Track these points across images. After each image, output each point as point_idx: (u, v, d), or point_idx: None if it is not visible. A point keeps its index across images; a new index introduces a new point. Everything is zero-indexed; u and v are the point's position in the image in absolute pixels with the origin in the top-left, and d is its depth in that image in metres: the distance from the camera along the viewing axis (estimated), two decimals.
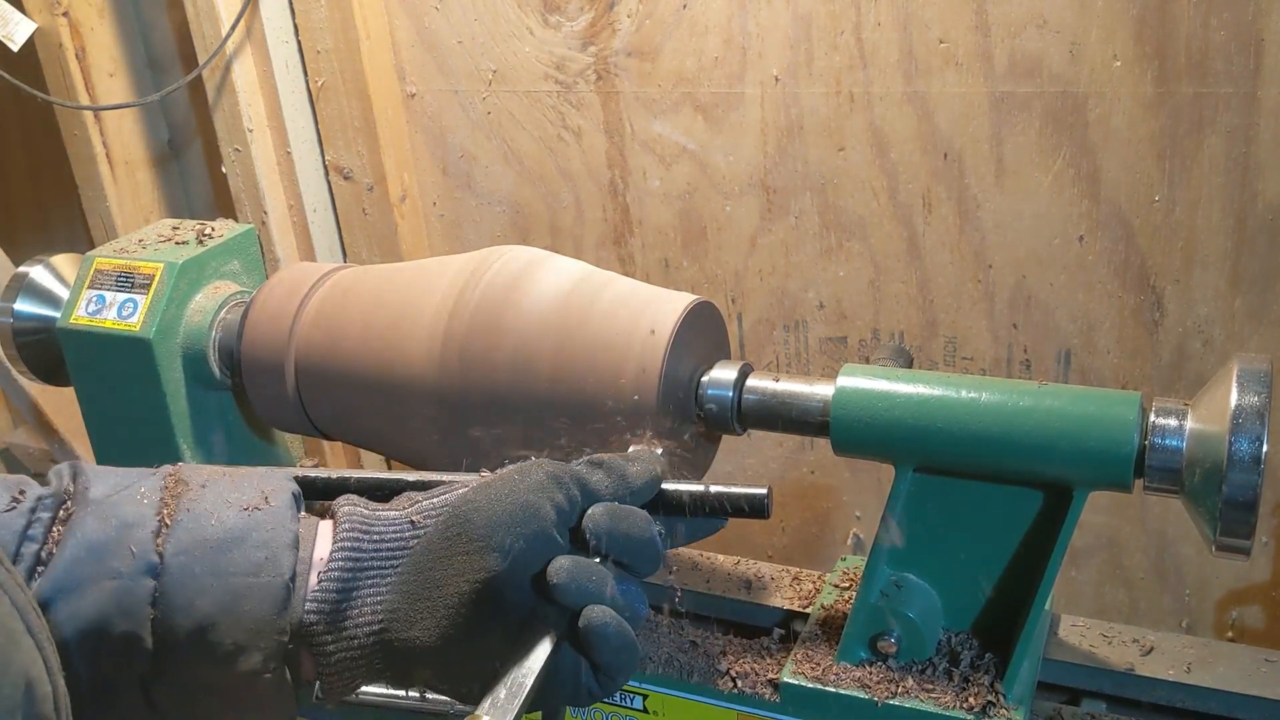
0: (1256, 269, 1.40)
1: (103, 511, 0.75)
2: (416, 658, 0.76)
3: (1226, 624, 1.60)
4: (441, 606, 0.76)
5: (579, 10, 1.62)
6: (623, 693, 1.10)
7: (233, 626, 0.74)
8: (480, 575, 0.76)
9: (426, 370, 1.09)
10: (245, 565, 0.75)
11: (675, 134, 1.63)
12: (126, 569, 0.73)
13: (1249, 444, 0.84)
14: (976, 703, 0.98)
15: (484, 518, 0.77)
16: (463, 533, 0.77)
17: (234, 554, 0.76)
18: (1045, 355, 1.55)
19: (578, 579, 0.75)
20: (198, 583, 0.74)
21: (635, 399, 1.02)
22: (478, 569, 0.76)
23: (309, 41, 1.74)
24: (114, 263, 1.25)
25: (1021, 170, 1.46)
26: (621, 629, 0.75)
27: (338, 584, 0.76)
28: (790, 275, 1.65)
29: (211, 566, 0.75)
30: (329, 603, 0.76)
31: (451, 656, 0.76)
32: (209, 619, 0.74)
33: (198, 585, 0.74)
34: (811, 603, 1.15)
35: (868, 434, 0.98)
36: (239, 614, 0.74)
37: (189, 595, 0.74)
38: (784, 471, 1.78)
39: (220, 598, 0.74)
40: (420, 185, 1.85)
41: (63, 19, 1.80)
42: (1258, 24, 1.29)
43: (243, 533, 0.77)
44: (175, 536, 0.75)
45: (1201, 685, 1.04)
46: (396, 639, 0.75)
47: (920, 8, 1.43)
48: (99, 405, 1.26)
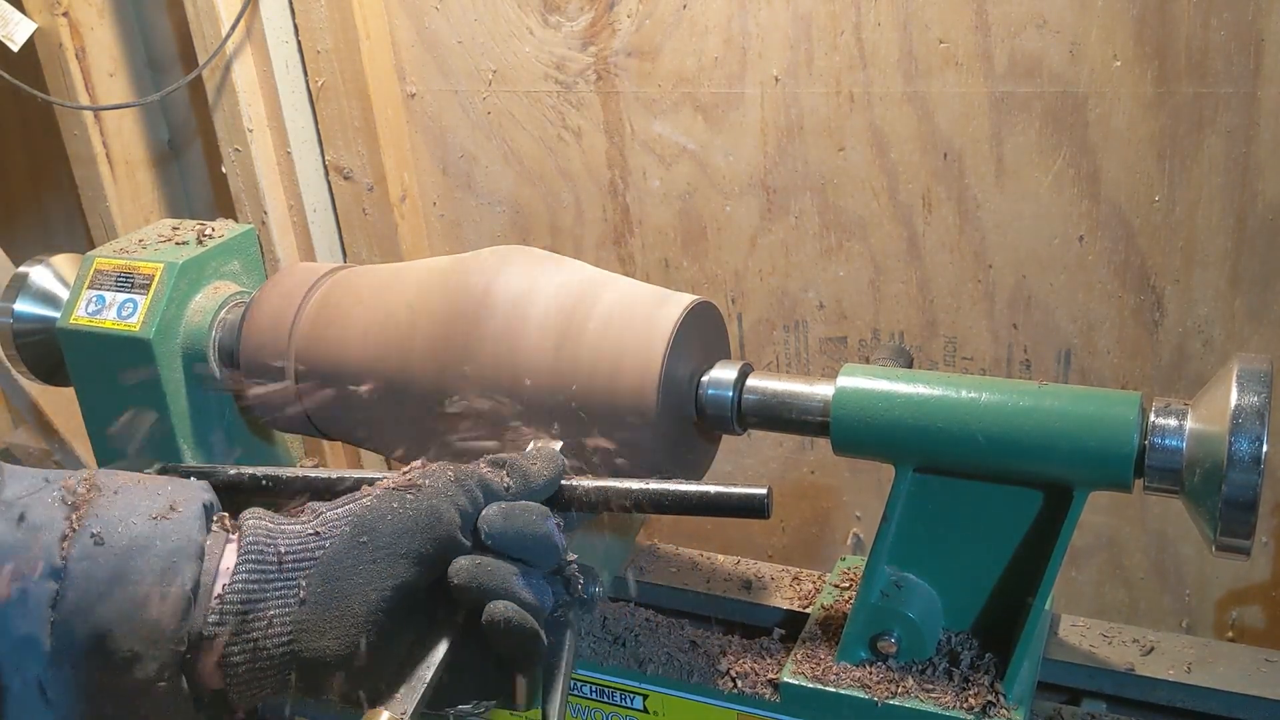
0: (1256, 269, 1.40)
1: (13, 512, 0.76)
2: (328, 667, 0.76)
3: (1226, 624, 1.60)
4: (351, 616, 0.76)
5: (579, 10, 1.62)
6: (622, 693, 1.10)
7: (130, 634, 0.75)
8: (389, 583, 0.77)
9: (426, 371, 1.09)
10: (147, 573, 0.76)
11: (675, 134, 1.63)
12: (30, 571, 0.74)
13: (1249, 444, 0.84)
14: (976, 703, 0.98)
15: (389, 525, 0.78)
16: (369, 541, 0.78)
17: (137, 561, 0.76)
18: (1045, 355, 1.55)
19: (477, 578, 0.77)
20: (99, 588, 0.75)
21: (635, 399, 1.02)
22: (386, 576, 0.77)
23: (309, 41, 1.74)
24: (114, 263, 1.25)
25: (1021, 170, 1.46)
26: (522, 620, 0.76)
27: (242, 595, 0.77)
28: (790, 275, 1.65)
29: (114, 573, 0.76)
30: (232, 613, 0.77)
31: (363, 664, 0.76)
32: (107, 625, 0.75)
33: (98, 591, 0.75)
34: (811, 603, 1.15)
35: (868, 434, 0.98)
36: (137, 622, 0.75)
37: (89, 601, 0.75)
38: (784, 471, 1.78)
39: (120, 605, 0.75)
40: (420, 185, 1.85)
41: (63, 19, 1.80)
42: (1258, 24, 1.29)
43: (147, 541, 0.77)
44: (80, 541, 0.76)
45: (1201, 685, 1.04)
46: (307, 650, 0.76)
47: (920, 8, 1.43)
48: (99, 405, 1.26)
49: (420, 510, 0.79)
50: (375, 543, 0.78)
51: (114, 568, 0.76)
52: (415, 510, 0.79)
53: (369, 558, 0.77)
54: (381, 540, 0.78)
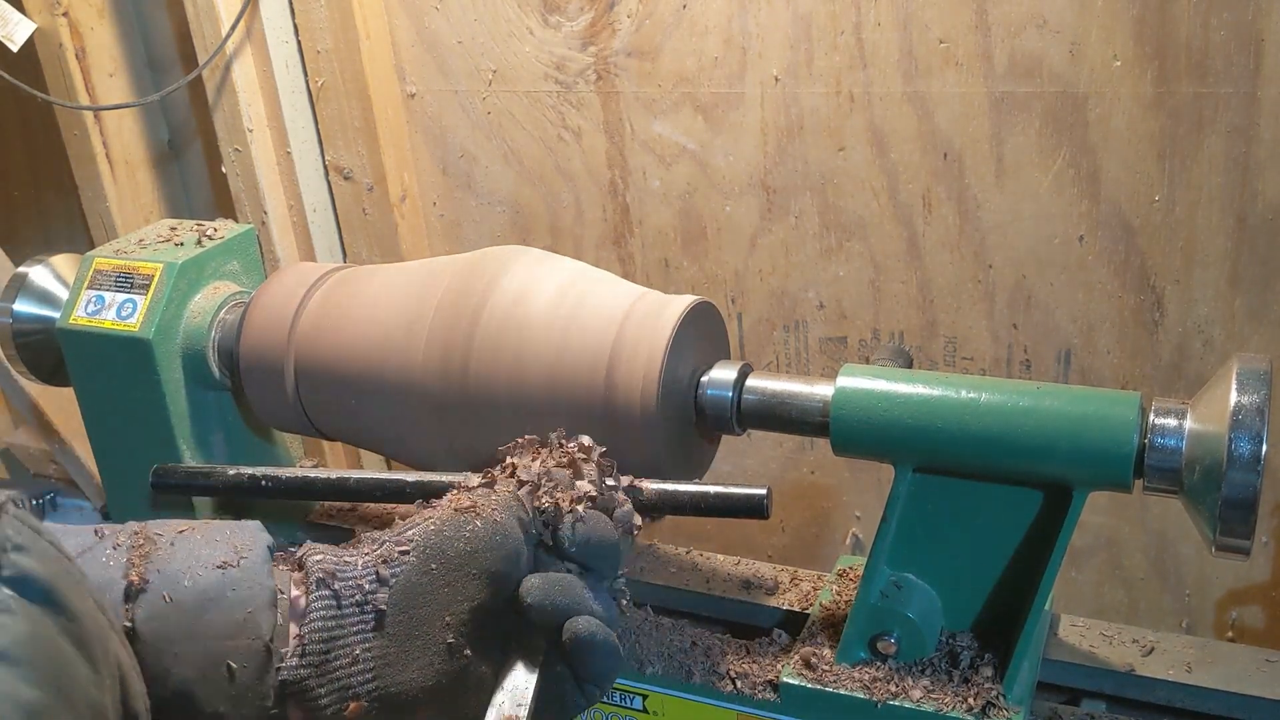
0: (1256, 269, 1.40)
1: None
2: (415, 700, 0.74)
3: (1226, 624, 1.59)
4: (432, 643, 0.74)
5: (579, 10, 1.62)
6: (623, 693, 1.10)
7: (213, 694, 0.71)
8: (465, 605, 0.75)
9: (426, 370, 1.09)
10: (223, 628, 0.72)
11: (675, 134, 1.63)
12: None
13: (1249, 443, 0.84)
14: (976, 703, 0.98)
15: (458, 547, 0.76)
16: (440, 566, 0.76)
17: (209, 616, 0.72)
18: (1045, 355, 1.55)
19: (551, 596, 0.75)
20: (173, 649, 0.71)
21: (635, 399, 1.02)
22: (462, 599, 0.75)
23: (309, 41, 1.74)
24: (113, 263, 1.25)
25: (1021, 170, 1.46)
26: (607, 636, 0.75)
27: (321, 635, 0.74)
28: (790, 275, 1.65)
29: (187, 630, 0.71)
30: (315, 655, 0.73)
31: (450, 692, 0.75)
32: (187, 686, 0.71)
33: (173, 652, 0.71)
34: (811, 603, 1.15)
35: (868, 434, 0.98)
36: (219, 680, 0.71)
37: (165, 664, 0.71)
38: (784, 471, 1.78)
39: (198, 663, 0.71)
40: (420, 185, 1.85)
41: (63, 19, 1.80)
42: (1258, 24, 1.29)
43: (217, 592, 0.73)
44: (146, 600, 0.72)
45: (1201, 685, 1.04)
46: (393, 684, 0.74)
47: (920, 8, 1.43)
48: (99, 405, 1.26)
49: (486, 529, 0.77)
50: (446, 565, 0.75)
51: (186, 626, 0.72)
52: (480, 529, 0.77)
53: (442, 581, 0.75)
54: (452, 563, 0.76)
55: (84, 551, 0.74)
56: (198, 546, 0.76)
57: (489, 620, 0.76)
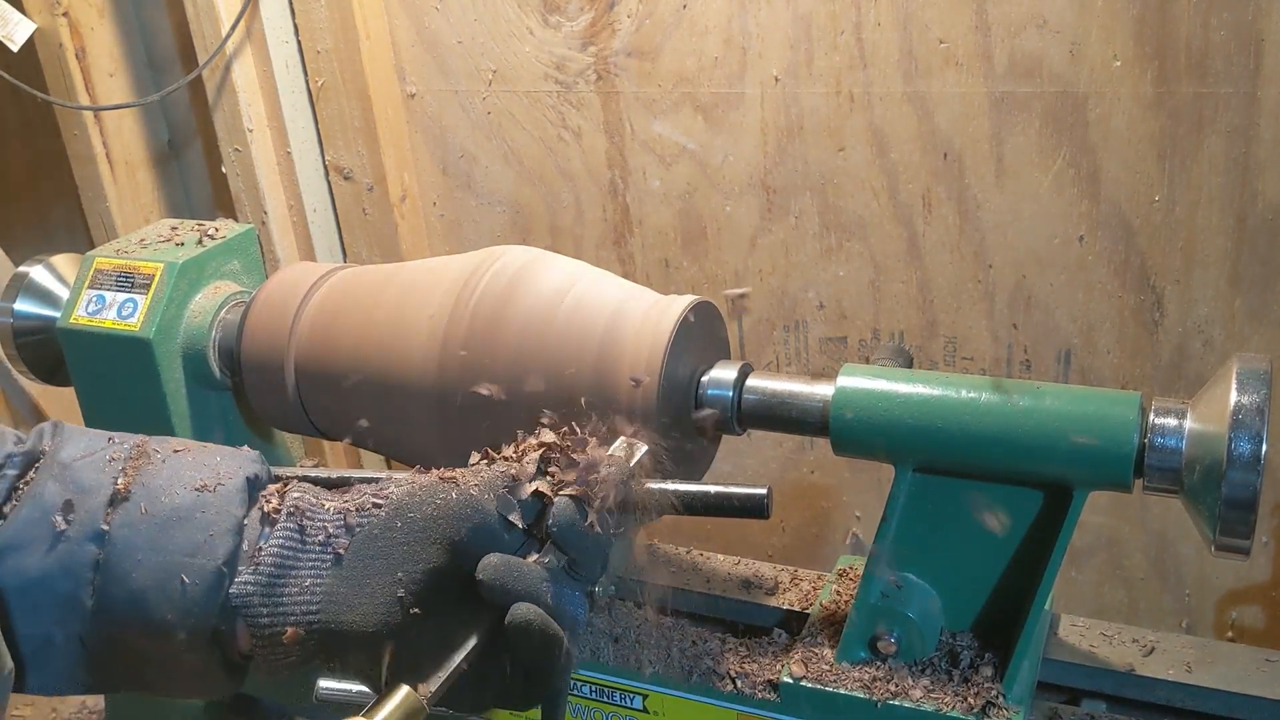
0: (1256, 269, 1.40)
1: (65, 475, 0.79)
2: (351, 642, 0.77)
3: (1226, 624, 1.60)
4: (379, 594, 0.77)
5: (579, 10, 1.62)
6: (622, 693, 1.10)
7: (163, 602, 0.77)
8: (419, 566, 0.77)
9: (426, 370, 1.09)
10: (185, 544, 0.78)
11: (675, 134, 1.63)
12: (75, 533, 0.77)
13: (1248, 443, 0.84)
14: (976, 703, 0.98)
15: (425, 511, 0.78)
16: (404, 524, 0.78)
17: (175, 532, 0.78)
18: (1045, 355, 1.55)
19: (502, 577, 0.75)
20: (137, 556, 0.77)
21: (635, 399, 1.02)
22: (417, 559, 0.77)
23: (309, 41, 1.74)
24: (114, 263, 1.25)
25: (1021, 170, 1.46)
26: (546, 627, 0.75)
27: (276, 559, 0.78)
28: (790, 275, 1.65)
29: (153, 542, 0.77)
30: (266, 574, 0.78)
31: (386, 644, 0.77)
32: (142, 592, 0.77)
33: (136, 559, 0.77)
34: (811, 603, 1.15)
35: (868, 434, 0.98)
36: (170, 591, 0.77)
37: (127, 567, 0.77)
38: (784, 471, 1.78)
39: (155, 573, 0.77)
40: (420, 185, 1.85)
41: (63, 19, 1.80)
42: (1258, 24, 1.29)
43: (187, 513, 0.79)
44: (125, 509, 0.78)
45: (1201, 685, 1.04)
46: (333, 622, 0.77)
47: (920, 8, 1.43)
48: (99, 405, 1.26)
49: (459, 499, 0.78)
50: (410, 525, 0.78)
51: (153, 537, 0.78)
52: (454, 498, 0.79)
53: (402, 539, 0.78)
54: (416, 524, 0.78)
55: (89, 454, 0.81)
56: (185, 467, 0.82)
57: (444, 586, 0.77)
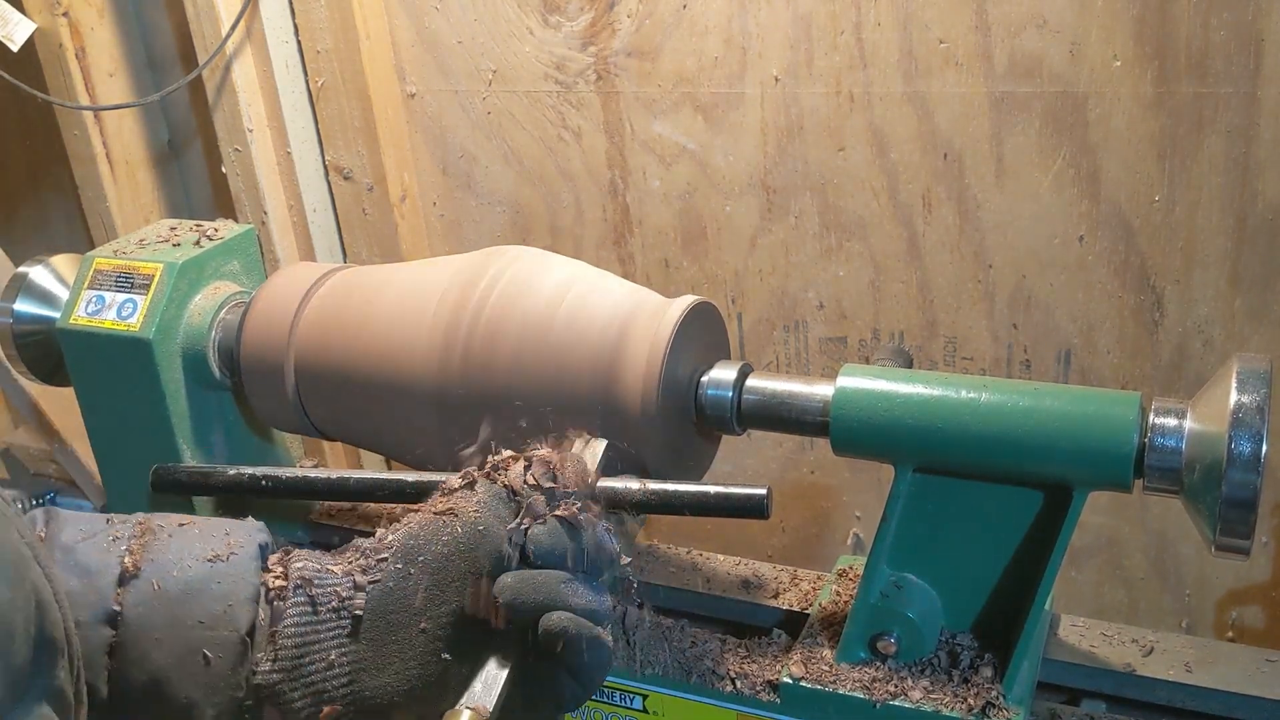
0: (1256, 269, 1.40)
1: (69, 559, 0.76)
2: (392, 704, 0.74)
3: (1226, 624, 1.59)
4: (409, 648, 0.75)
5: (579, 10, 1.62)
6: (622, 693, 1.10)
7: (187, 681, 0.73)
8: (443, 609, 0.75)
9: (426, 371, 1.09)
10: (203, 618, 0.74)
11: (675, 134, 1.63)
12: (85, 617, 0.73)
13: (1249, 443, 0.84)
14: (976, 703, 0.98)
15: (435, 551, 0.76)
16: (417, 570, 0.76)
17: (192, 606, 0.75)
18: (1045, 355, 1.55)
19: (522, 594, 0.74)
20: (154, 634, 0.74)
21: (635, 399, 1.02)
22: (439, 603, 0.75)
23: (309, 41, 1.74)
24: (114, 263, 1.25)
25: (1021, 170, 1.46)
26: (580, 628, 0.74)
27: (295, 638, 0.75)
28: (790, 275, 1.65)
29: (169, 618, 0.74)
30: (288, 657, 0.75)
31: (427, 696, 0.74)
32: (163, 672, 0.73)
33: (154, 637, 0.74)
34: (811, 603, 1.15)
35: (868, 434, 0.98)
36: (193, 668, 0.73)
37: (145, 647, 0.73)
38: (784, 471, 1.78)
39: (176, 650, 0.74)
40: (420, 185, 1.85)
41: (63, 19, 1.80)
42: (1258, 24, 1.29)
43: (203, 584, 0.76)
44: (136, 586, 0.75)
45: (1201, 685, 1.04)
46: (368, 689, 0.74)
47: (920, 8, 1.43)
48: (99, 406, 1.26)
49: (464, 531, 0.76)
50: (424, 569, 0.76)
51: (169, 613, 0.75)
52: (460, 531, 0.76)
53: (420, 585, 0.75)
54: (430, 566, 0.76)
55: (90, 536, 0.78)
56: (193, 540, 0.79)
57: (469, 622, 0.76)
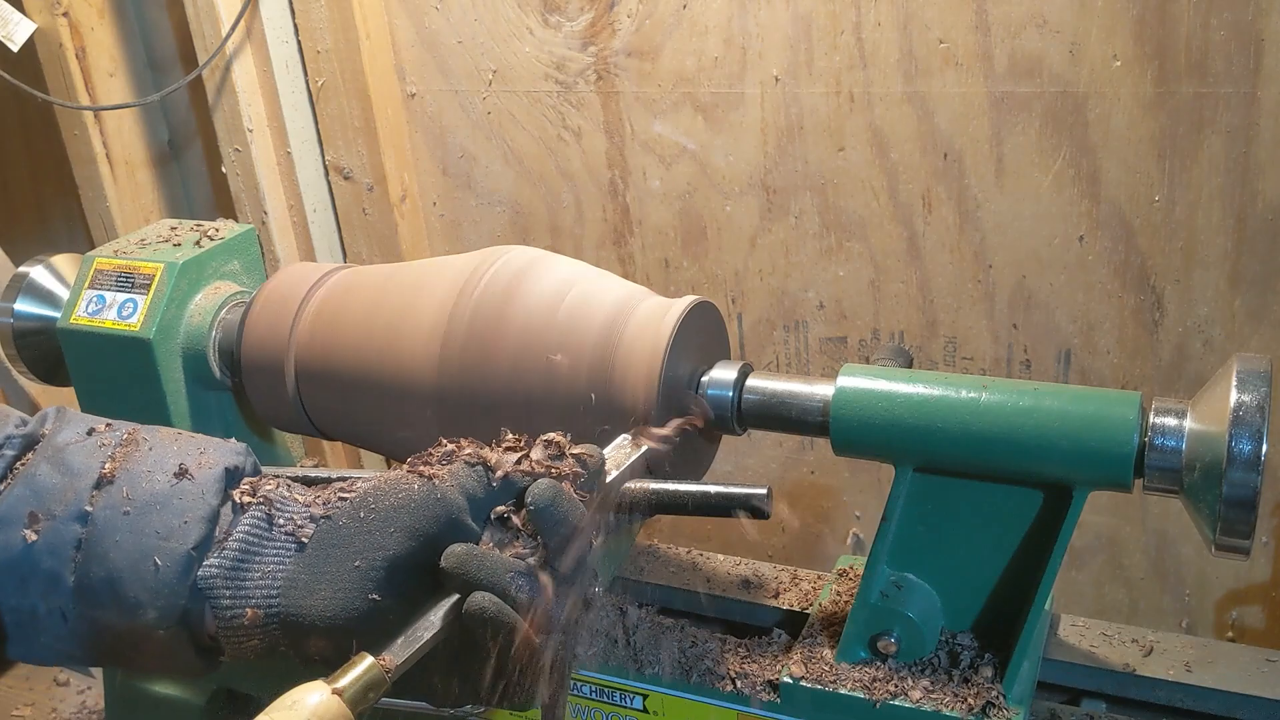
0: (1256, 269, 1.40)
1: (58, 458, 0.85)
2: (311, 627, 0.79)
3: (1226, 624, 1.60)
4: (340, 580, 0.79)
5: (579, 10, 1.62)
6: (622, 693, 1.10)
7: (136, 583, 0.81)
8: (380, 554, 0.79)
9: (426, 370, 1.09)
10: (160, 528, 0.82)
11: (675, 134, 1.63)
12: (61, 513, 0.82)
13: (1249, 443, 0.84)
14: (976, 703, 0.98)
15: (390, 501, 0.80)
16: (366, 514, 0.80)
17: (151, 517, 0.82)
18: (1045, 355, 1.55)
19: (465, 565, 0.77)
20: (115, 537, 0.82)
21: (636, 399, 1.02)
22: (378, 548, 0.79)
23: (309, 41, 1.74)
24: (114, 263, 1.25)
25: (1021, 170, 1.46)
26: (499, 612, 0.76)
27: (240, 545, 0.82)
28: (790, 275, 1.65)
29: (131, 524, 0.82)
30: (230, 559, 0.81)
31: (347, 630, 0.78)
32: (117, 571, 0.81)
33: (115, 539, 0.82)
34: (811, 603, 1.15)
35: (868, 434, 0.98)
36: (143, 572, 0.81)
37: (105, 547, 0.82)
38: (784, 471, 1.78)
39: (131, 555, 0.81)
40: (420, 185, 1.85)
41: (63, 19, 1.80)
42: (1258, 24, 1.29)
43: (165, 499, 0.83)
44: (109, 491, 0.83)
45: (1201, 685, 1.04)
46: (293, 606, 0.79)
47: (920, 8, 1.43)
48: (99, 405, 1.26)
49: (422, 490, 0.80)
50: (373, 515, 0.80)
51: (131, 520, 0.82)
52: (418, 490, 0.80)
53: (365, 528, 0.80)
54: (380, 514, 0.80)
55: (79, 440, 0.86)
56: (169, 455, 0.86)
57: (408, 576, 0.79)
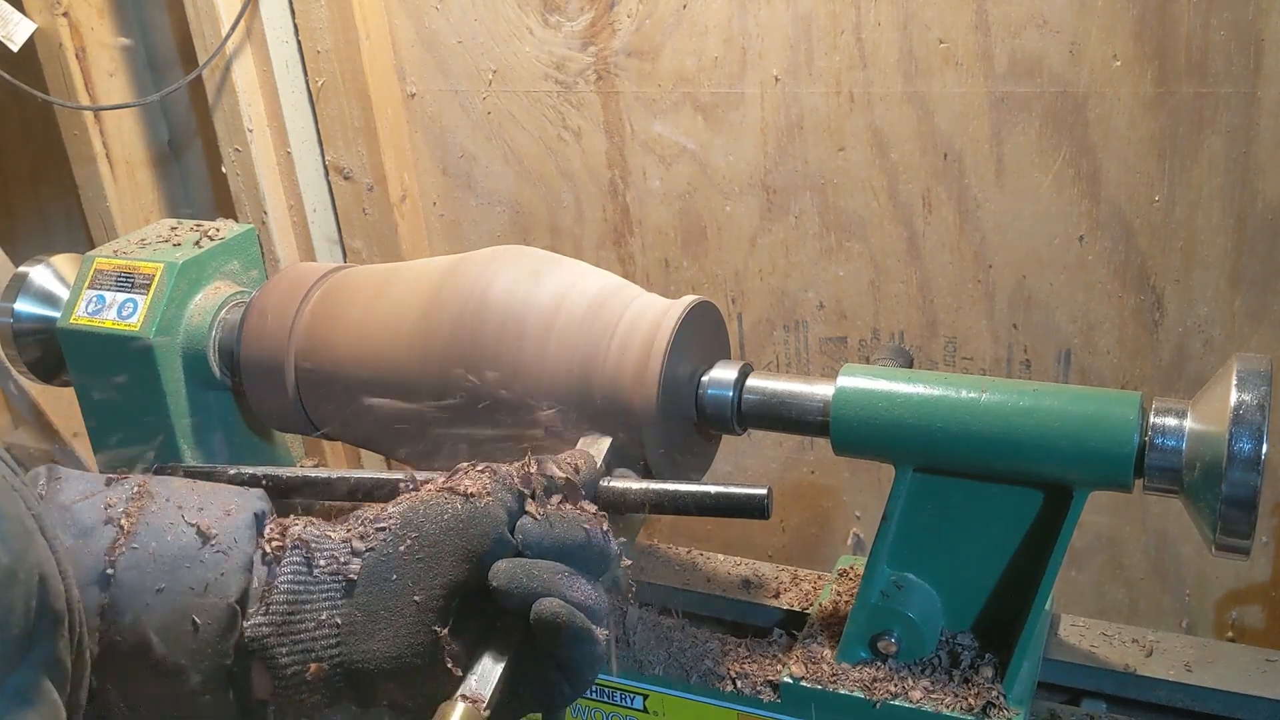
0: (1256, 269, 1.40)
1: (66, 517, 0.76)
2: (378, 672, 0.74)
3: (1226, 624, 1.59)
4: (400, 616, 0.74)
5: (579, 10, 1.62)
6: (623, 693, 1.10)
7: (174, 646, 0.74)
8: (437, 581, 0.75)
9: (426, 370, 1.09)
10: (194, 584, 0.75)
11: (675, 134, 1.63)
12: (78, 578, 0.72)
13: (1249, 442, 0.84)
14: (976, 703, 0.98)
15: (435, 524, 0.76)
16: (416, 539, 0.76)
17: (183, 572, 0.75)
18: (1045, 355, 1.55)
19: (516, 578, 0.73)
20: (144, 599, 0.74)
21: (636, 399, 1.02)
22: (434, 574, 0.75)
23: (309, 41, 1.74)
24: (114, 263, 1.25)
25: (1021, 170, 1.46)
26: (573, 618, 0.73)
27: (287, 597, 0.75)
28: (790, 275, 1.65)
29: (159, 583, 0.74)
30: (279, 613, 0.75)
31: (415, 668, 0.74)
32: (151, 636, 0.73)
33: (144, 601, 0.74)
34: (811, 603, 1.15)
35: (868, 434, 0.98)
36: (181, 633, 0.74)
37: (135, 611, 0.74)
38: (784, 471, 1.78)
39: (165, 615, 0.74)
40: (420, 185, 1.85)
41: (63, 19, 1.80)
42: (1258, 24, 1.29)
43: (195, 550, 0.76)
44: (129, 549, 0.75)
45: (1201, 685, 1.04)
46: (356, 652, 0.74)
47: (920, 8, 1.43)
48: (99, 405, 1.26)
49: (466, 508, 0.76)
50: (422, 540, 0.76)
51: (160, 578, 0.75)
52: (461, 508, 0.76)
53: (416, 555, 0.75)
54: (428, 538, 0.76)
55: (88, 496, 0.78)
56: (190, 505, 0.79)
57: (464, 600, 0.75)
